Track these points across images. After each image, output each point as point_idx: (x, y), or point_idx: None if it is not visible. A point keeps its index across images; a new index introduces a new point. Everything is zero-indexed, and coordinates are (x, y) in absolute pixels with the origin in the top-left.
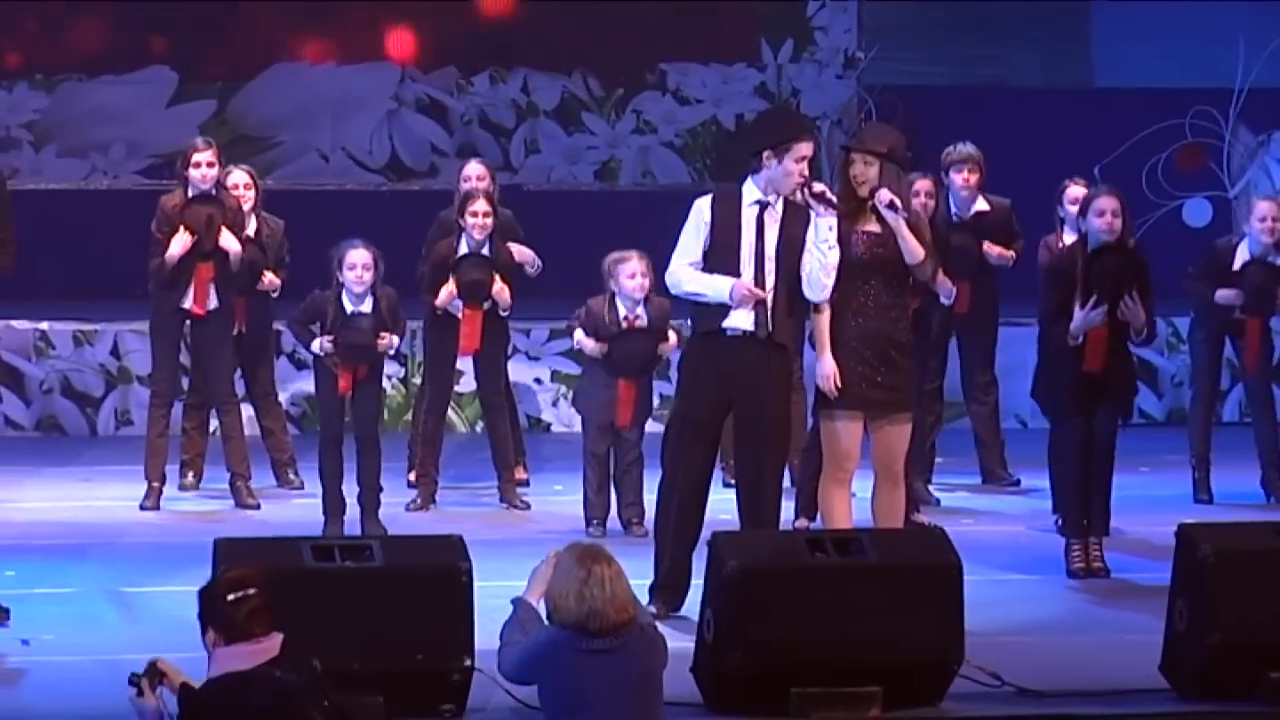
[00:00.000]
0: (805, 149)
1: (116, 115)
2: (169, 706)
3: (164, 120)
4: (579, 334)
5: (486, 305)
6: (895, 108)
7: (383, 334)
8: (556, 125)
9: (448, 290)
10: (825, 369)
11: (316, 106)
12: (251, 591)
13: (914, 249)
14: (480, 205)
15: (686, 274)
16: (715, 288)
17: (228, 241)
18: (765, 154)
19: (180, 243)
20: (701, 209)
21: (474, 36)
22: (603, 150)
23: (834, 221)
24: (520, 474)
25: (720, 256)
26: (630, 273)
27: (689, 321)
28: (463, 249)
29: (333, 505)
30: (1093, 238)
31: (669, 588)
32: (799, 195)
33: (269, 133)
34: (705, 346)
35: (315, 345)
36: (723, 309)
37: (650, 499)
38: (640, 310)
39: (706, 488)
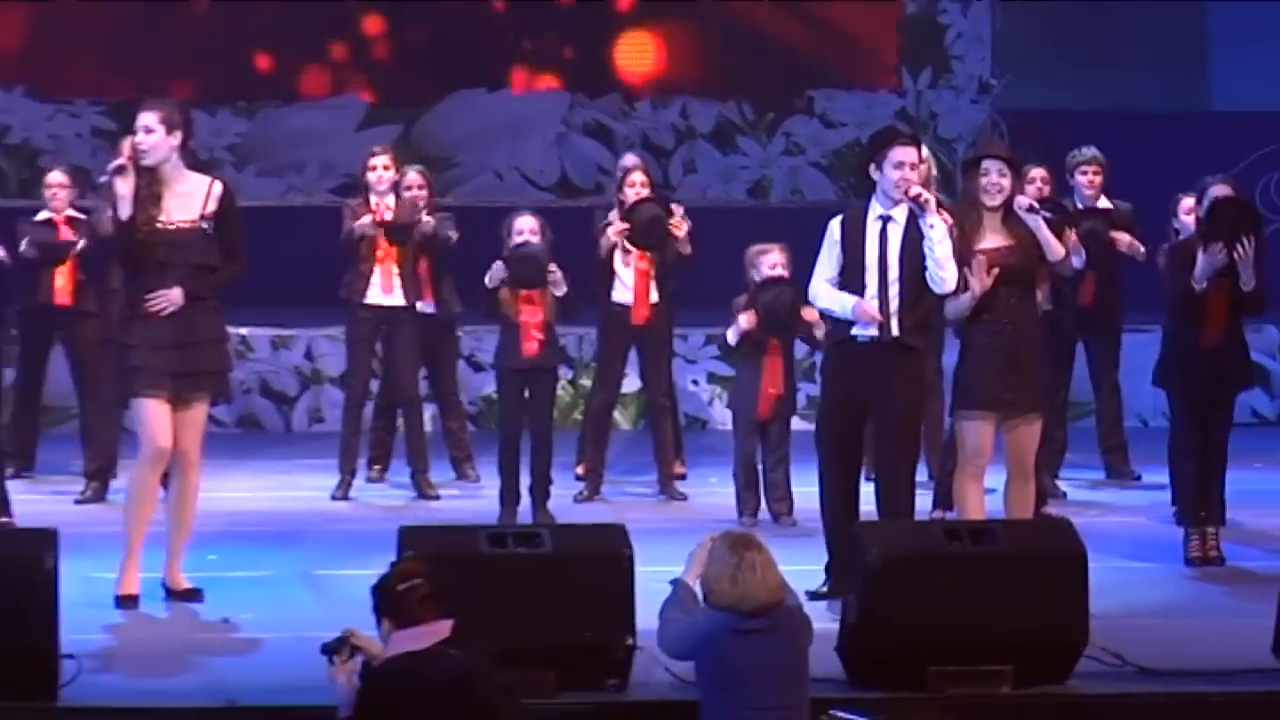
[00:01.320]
0: (899, 154)
1: (311, 138)
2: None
3: (354, 143)
4: (741, 319)
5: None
6: (1029, 130)
7: (553, 268)
8: (712, 147)
9: (616, 229)
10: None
11: (493, 130)
12: (418, 582)
13: (1055, 248)
14: (638, 177)
15: (822, 290)
16: (842, 304)
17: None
18: (870, 167)
19: (368, 219)
20: (832, 229)
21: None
22: (755, 170)
23: (937, 219)
24: (679, 469)
25: (850, 273)
26: (772, 264)
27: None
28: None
29: (508, 496)
30: (1210, 197)
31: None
32: (904, 201)
33: (449, 154)
34: (839, 353)
35: (487, 278)
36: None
37: (797, 491)
38: None
39: (854, 482)
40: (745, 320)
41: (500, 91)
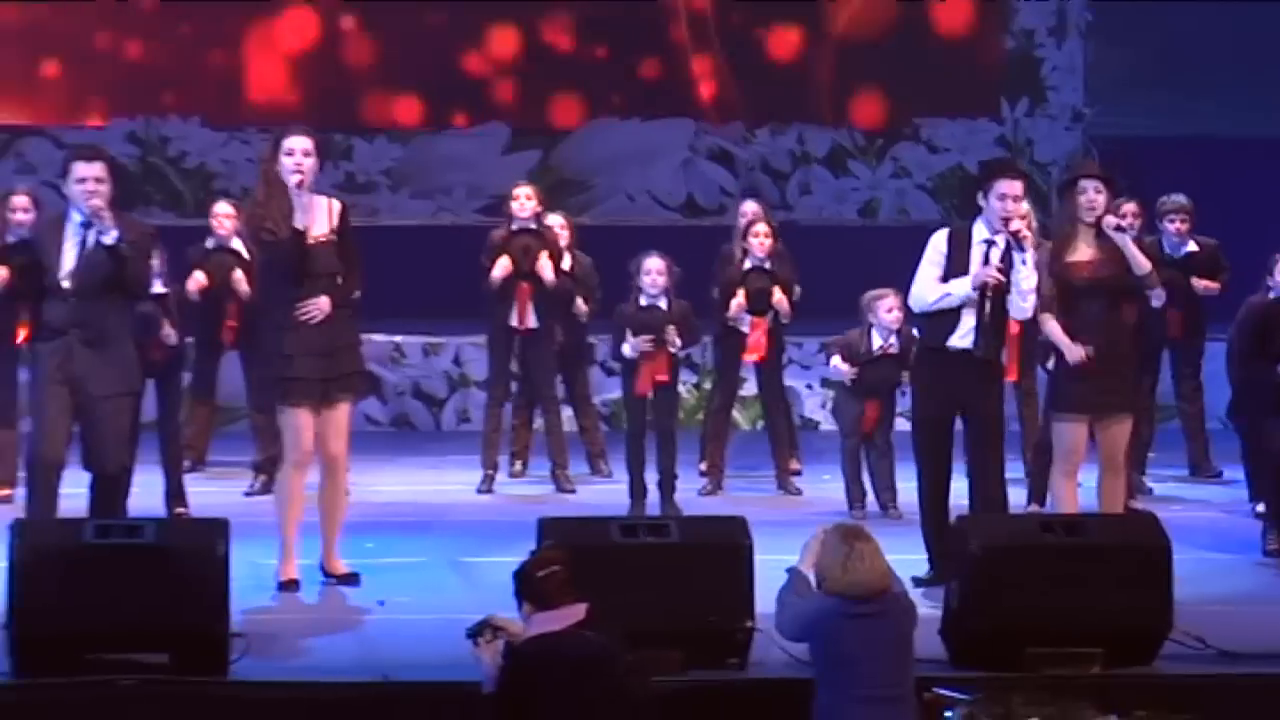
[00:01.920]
0: (1004, 186)
1: (459, 163)
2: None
3: (499, 167)
4: (835, 360)
5: (769, 316)
6: (1119, 155)
7: (669, 328)
8: (826, 170)
9: (737, 303)
10: (1075, 355)
11: (625, 155)
12: (556, 568)
13: (1142, 262)
14: (762, 228)
15: (930, 288)
16: (959, 286)
17: (543, 267)
18: (979, 196)
19: (502, 267)
20: (938, 243)
21: (759, 97)
22: (865, 192)
23: (1029, 255)
24: (794, 465)
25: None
26: (888, 307)
27: (918, 335)
28: (747, 265)
29: (637, 490)
30: None
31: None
32: (1004, 232)
33: (585, 177)
34: (931, 361)
35: (625, 348)
36: (946, 330)
37: (902, 485)
38: (893, 339)
39: (948, 478)
40: (844, 373)
41: (631, 120)
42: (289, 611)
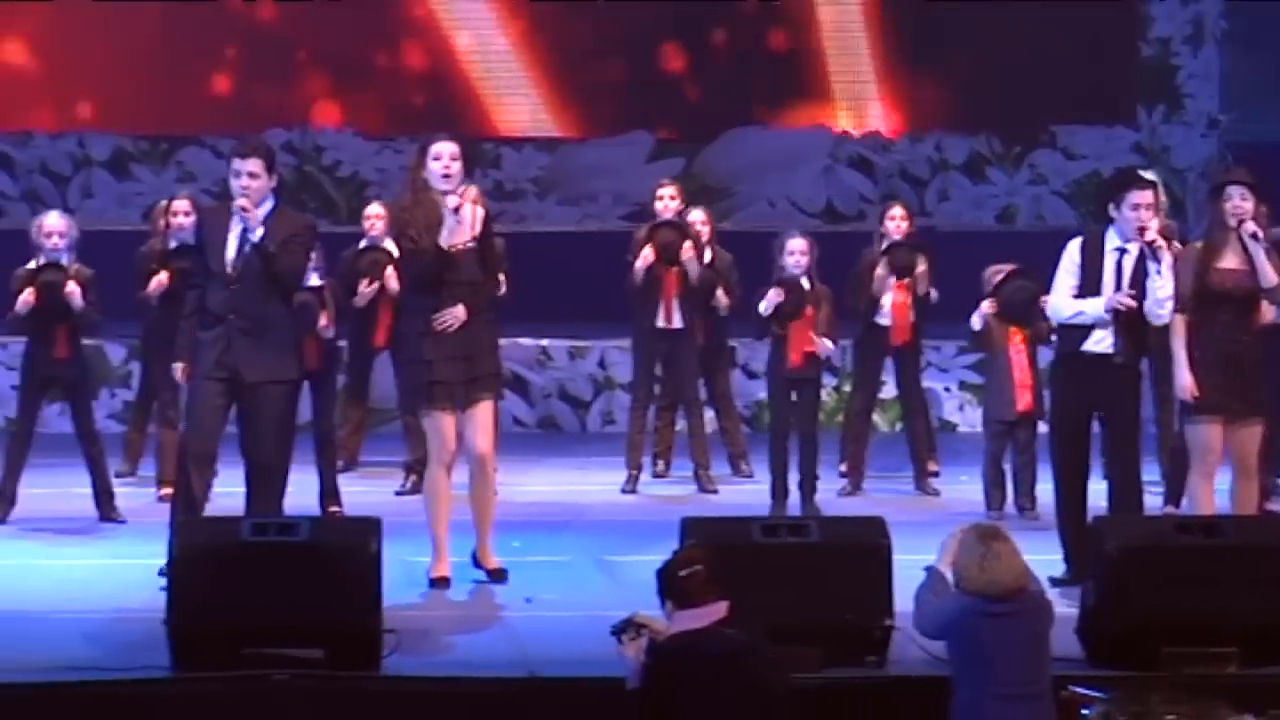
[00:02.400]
0: (1137, 196)
1: (604, 171)
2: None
3: (643, 175)
4: (985, 305)
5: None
6: (1253, 162)
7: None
8: (964, 177)
9: (989, 303)
10: (1184, 381)
11: (766, 162)
12: (699, 567)
13: (1270, 275)
14: (898, 210)
15: (1065, 303)
16: (1092, 306)
17: (689, 258)
18: (1110, 205)
19: (644, 258)
20: (1072, 250)
21: (895, 104)
22: (1003, 198)
23: (1164, 264)
24: (932, 466)
25: (1087, 293)
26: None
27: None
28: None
29: (779, 491)
30: None
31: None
32: (1138, 241)
33: (727, 184)
34: (1070, 364)
35: (762, 305)
36: (1083, 335)
37: (1040, 489)
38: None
39: (1085, 480)
40: (988, 306)
41: (773, 128)
42: (439, 608)
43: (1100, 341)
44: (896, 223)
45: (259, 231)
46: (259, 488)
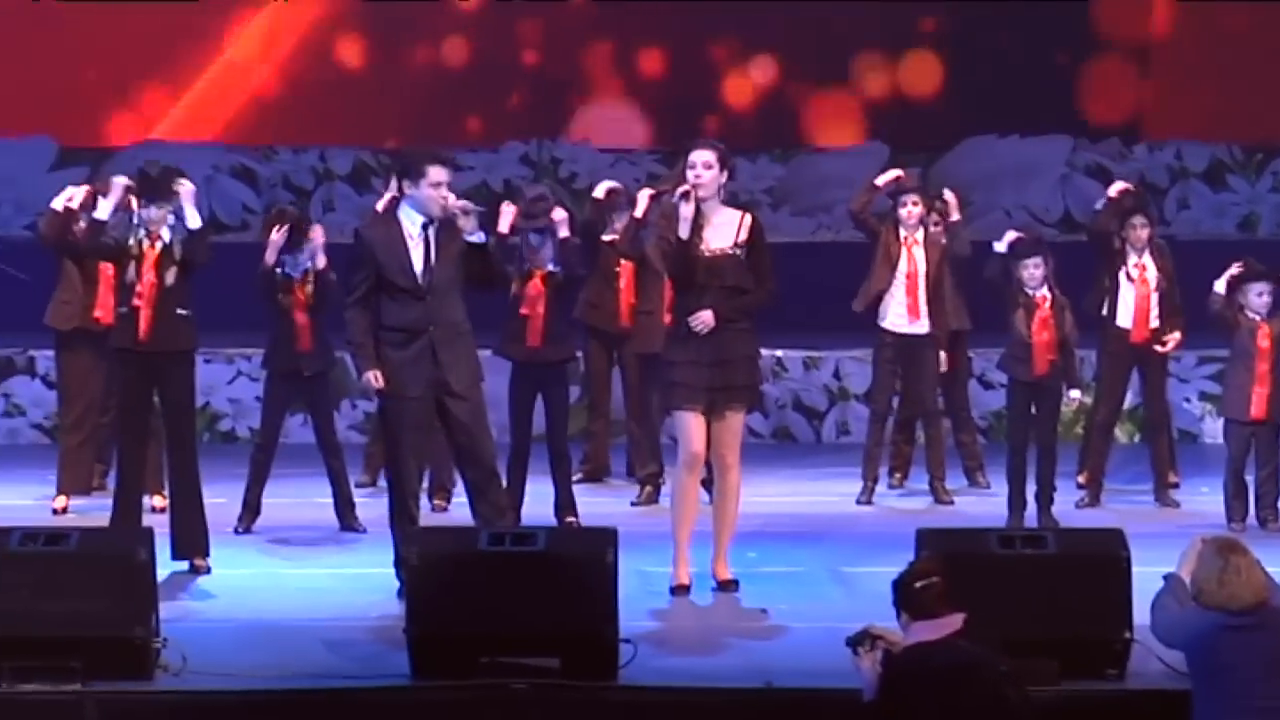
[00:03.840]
0: None
1: (837, 182)
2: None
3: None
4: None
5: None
6: None
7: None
8: (1204, 185)
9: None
10: None
11: (1002, 172)
12: (935, 579)
13: None
14: (1140, 219)
15: None
16: None
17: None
18: None
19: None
20: None
21: (1136, 113)
22: (1244, 206)
23: None
24: (1172, 478)
25: None
26: (1259, 291)
27: None
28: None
29: (1016, 503)
30: None
31: None
32: None
33: (962, 193)
34: None
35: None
36: None
37: None
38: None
39: None
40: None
41: (1009, 137)
42: (676, 619)
43: None
44: (1138, 230)
45: (479, 233)
46: (484, 493)
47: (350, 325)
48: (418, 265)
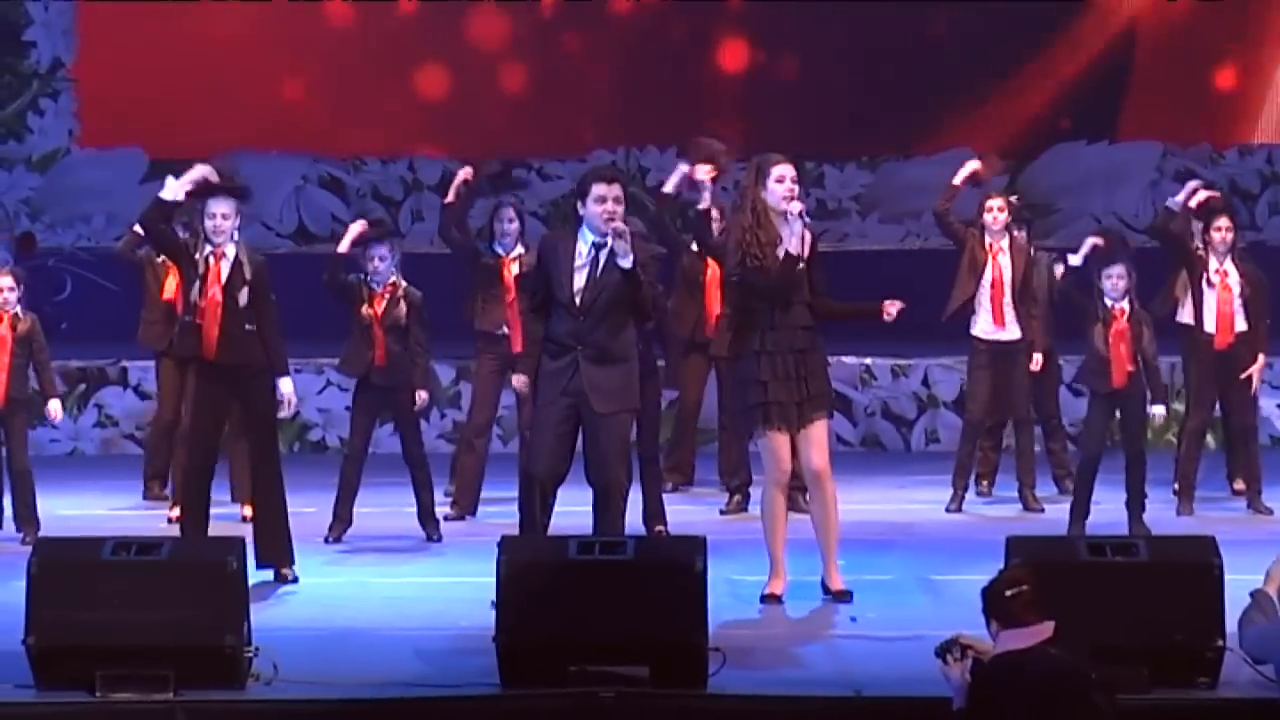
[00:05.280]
0: None
1: (925, 188)
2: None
3: (966, 192)
4: None
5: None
6: None
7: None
8: None
9: None
10: None
11: (1090, 178)
12: (1025, 588)
13: None
14: (1224, 221)
15: None
16: None
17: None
18: None
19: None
20: None
21: (1219, 116)
22: None
23: None
24: (1238, 485)
25: None
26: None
27: None
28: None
29: (1078, 510)
30: None
31: None
32: None
33: (1050, 200)
34: None
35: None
36: None
37: None
38: None
39: None
40: None
41: (1099, 143)
42: (764, 627)
43: None
44: (1223, 234)
45: (630, 257)
46: (604, 507)
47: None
48: (578, 283)
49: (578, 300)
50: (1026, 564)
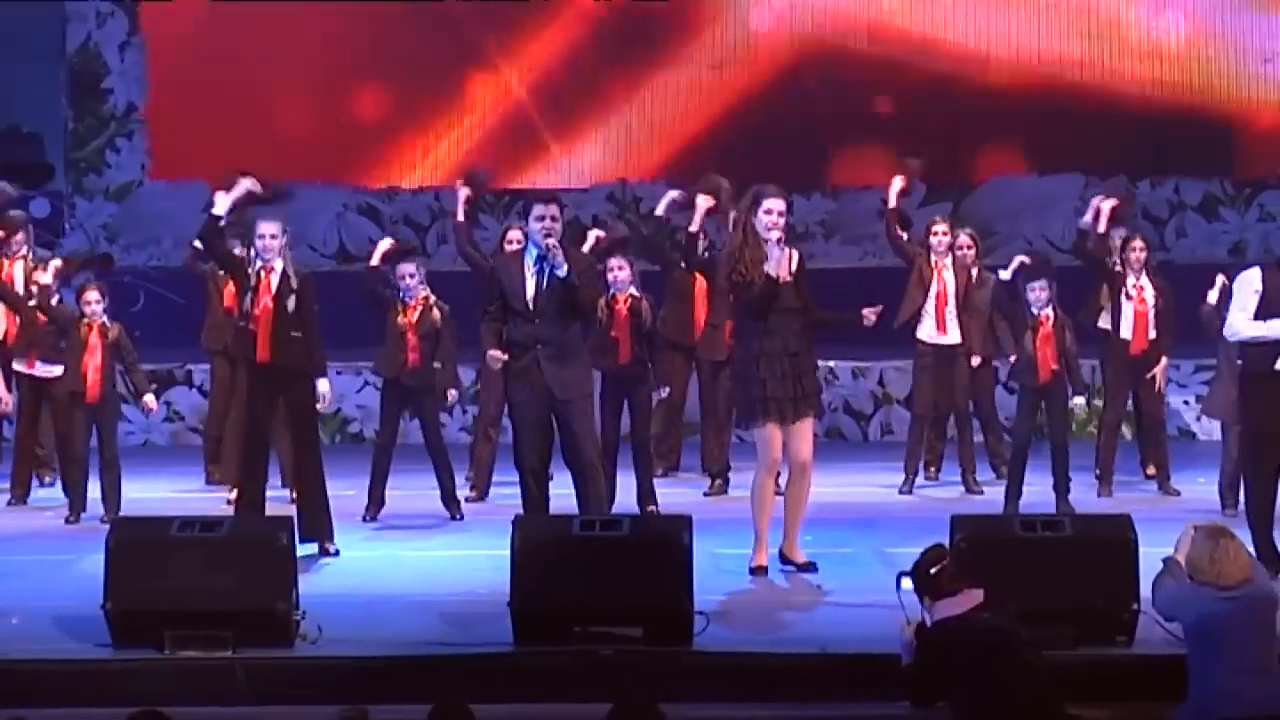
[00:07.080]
0: None
1: (878, 215)
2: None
3: (917, 217)
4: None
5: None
6: None
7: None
8: (1199, 216)
9: None
10: None
11: (1021, 206)
12: (945, 563)
13: None
14: (1139, 242)
15: (1246, 325)
16: (1273, 328)
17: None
18: None
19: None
20: (1251, 278)
21: (1142, 150)
22: (1234, 233)
23: None
24: (1150, 470)
25: (1266, 314)
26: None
27: (1239, 363)
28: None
29: (1012, 491)
30: None
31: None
32: None
33: (989, 226)
34: (1261, 384)
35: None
36: (1273, 354)
37: None
38: None
39: (1274, 490)
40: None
41: (1029, 176)
42: (742, 593)
43: None
44: (1138, 254)
45: (564, 267)
46: (584, 485)
47: (482, 335)
48: (530, 291)
49: (530, 306)
50: (940, 544)
